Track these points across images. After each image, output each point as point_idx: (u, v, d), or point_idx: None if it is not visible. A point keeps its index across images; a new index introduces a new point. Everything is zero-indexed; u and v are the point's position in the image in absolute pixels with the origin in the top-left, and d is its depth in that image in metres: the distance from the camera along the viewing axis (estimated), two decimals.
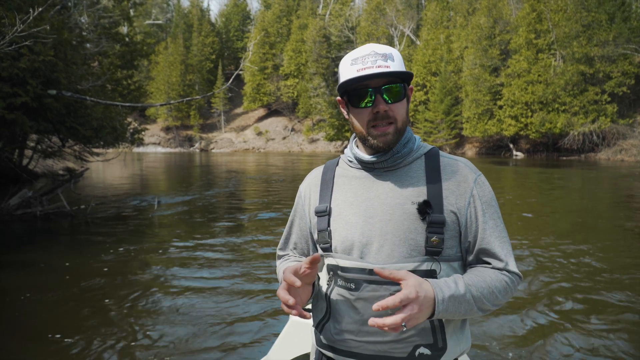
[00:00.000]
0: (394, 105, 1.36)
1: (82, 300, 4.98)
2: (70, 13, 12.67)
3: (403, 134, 1.41)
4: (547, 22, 37.17)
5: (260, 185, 18.08)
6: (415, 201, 1.35)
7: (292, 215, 1.64)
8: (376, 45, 1.36)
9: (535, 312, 4.60)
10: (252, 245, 7.58)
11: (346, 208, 1.43)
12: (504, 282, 1.34)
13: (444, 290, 1.22)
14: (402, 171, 1.42)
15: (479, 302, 1.28)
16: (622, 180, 18.36)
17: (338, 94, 1.44)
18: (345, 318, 1.39)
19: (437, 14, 49.86)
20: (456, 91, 43.58)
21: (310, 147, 58.09)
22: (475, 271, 1.36)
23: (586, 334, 4.11)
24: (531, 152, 39.19)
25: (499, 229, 1.39)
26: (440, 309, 1.20)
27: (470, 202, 1.37)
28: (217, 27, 75.38)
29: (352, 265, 1.37)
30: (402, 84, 1.36)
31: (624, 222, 9.56)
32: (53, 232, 8.78)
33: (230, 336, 4.11)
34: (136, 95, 17.05)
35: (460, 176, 1.40)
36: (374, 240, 1.36)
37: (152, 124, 63.27)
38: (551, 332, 4.15)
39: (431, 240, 1.32)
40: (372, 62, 1.32)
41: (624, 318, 4.45)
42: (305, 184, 1.60)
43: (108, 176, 21.07)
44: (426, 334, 1.33)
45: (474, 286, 1.28)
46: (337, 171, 1.53)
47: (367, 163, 1.44)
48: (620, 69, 33.05)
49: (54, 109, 9.42)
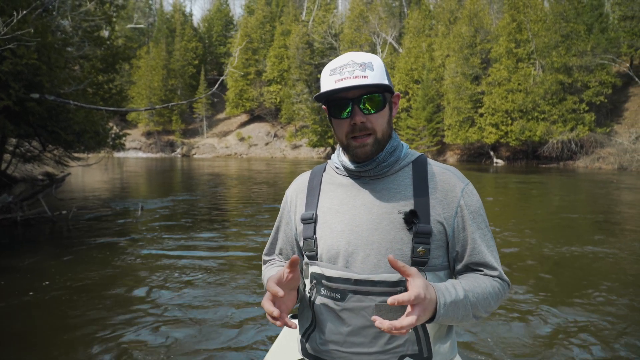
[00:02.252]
0: (373, 116, 1.33)
1: (66, 306, 4.89)
2: (52, 16, 12.50)
3: (384, 144, 1.38)
4: (527, 32, 37.85)
5: (243, 189, 17.99)
6: (401, 210, 1.34)
7: (278, 221, 1.63)
8: (355, 54, 1.33)
9: (524, 318, 4.65)
10: (239, 249, 7.54)
11: (332, 216, 1.41)
12: (496, 289, 1.35)
13: (445, 295, 1.22)
14: (389, 179, 1.40)
15: (474, 309, 1.29)
16: (600, 188, 18.71)
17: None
18: (331, 328, 1.37)
19: (420, 22, 50.42)
20: (438, 99, 44.04)
21: (293, 153, 58.04)
22: (471, 278, 1.35)
23: (574, 338, 4.17)
24: (511, 159, 39.73)
25: (487, 237, 1.40)
26: (441, 313, 1.20)
27: (458, 212, 1.36)
28: (199, 32, 75.09)
29: (337, 275, 1.35)
30: (381, 94, 1.33)
31: (603, 226, 9.74)
32: (34, 238, 8.61)
33: (224, 342, 4.07)
34: (118, 100, 16.81)
35: (447, 185, 1.38)
36: (359, 249, 1.34)
37: (133, 129, 62.67)
38: (542, 338, 4.20)
39: (417, 251, 1.31)
40: (349, 73, 1.28)
41: (613, 320, 4.53)
42: (291, 190, 1.58)
43: (88, 181, 20.76)
44: (411, 344, 1.32)
45: (471, 292, 1.28)
46: (324, 177, 1.51)
47: (353, 171, 1.42)
48: (598, 79, 33.76)
49: (36, 112, 9.27)
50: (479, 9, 43.01)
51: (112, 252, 7.35)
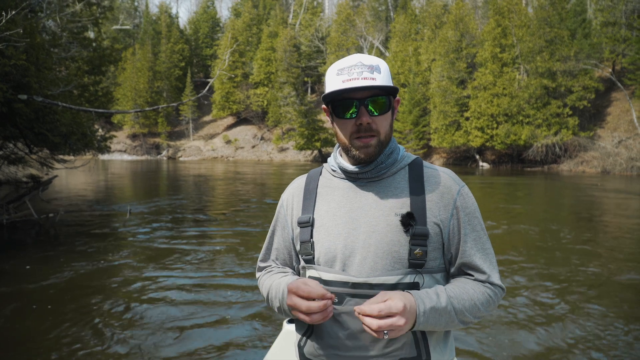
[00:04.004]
0: (378, 117, 1.35)
1: (54, 309, 4.84)
2: (39, 17, 12.36)
3: (386, 146, 1.40)
4: (511, 37, 38.25)
5: (229, 191, 17.93)
6: (398, 213, 1.34)
7: (273, 225, 1.60)
8: (363, 56, 1.34)
9: (524, 323, 4.71)
10: (230, 252, 7.51)
11: (329, 219, 1.41)
12: (486, 295, 1.35)
13: (425, 302, 1.24)
14: (386, 182, 1.41)
15: (460, 315, 1.29)
16: (583, 191, 18.97)
17: (323, 102, 1.42)
18: (329, 332, 1.36)
19: (406, 26, 50.68)
20: (424, 102, 44.29)
21: (279, 156, 57.92)
22: (458, 282, 1.36)
23: (574, 346, 4.23)
24: (497, 162, 40.08)
25: (481, 241, 1.40)
26: (421, 321, 1.22)
27: (454, 213, 1.37)
28: (186, 34, 74.65)
29: (334, 279, 1.35)
30: (387, 97, 1.35)
31: (587, 231, 9.89)
32: (21, 241, 8.51)
33: (220, 346, 4.06)
34: (104, 102, 16.64)
35: (443, 187, 1.39)
36: (356, 252, 1.34)
37: (119, 131, 61.97)
38: (538, 342, 4.25)
39: (414, 253, 1.31)
40: (357, 74, 1.30)
41: (609, 322, 4.60)
42: (287, 193, 1.57)
43: (74, 184, 20.52)
44: (409, 347, 1.32)
45: (455, 298, 1.29)
46: (320, 181, 1.51)
47: (351, 173, 1.42)
48: (581, 84, 34.24)
49: (23, 114, 9.15)
50: (465, 14, 43.34)
51: (101, 255, 7.28)
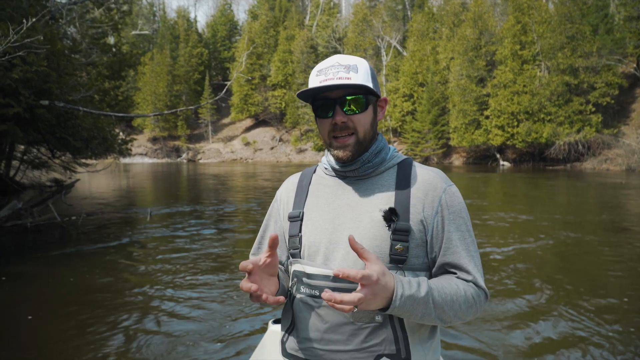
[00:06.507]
0: (355, 116, 1.36)
1: (78, 311, 4.88)
2: (60, 24, 12.57)
3: (367, 145, 1.40)
4: (532, 33, 37.78)
5: (250, 194, 18.00)
6: (382, 209, 1.34)
7: (266, 220, 1.64)
8: (341, 57, 1.36)
9: (520, 323, 4.61)
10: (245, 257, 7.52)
11: (317, 214, 1.44)
12: (469, 294, 1.31)
13: (405, 287, 1.20)
14: (374, 180, 1.42)
15: (439, 310, 1.25)
16: (608, 190, 18.61)
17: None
18: (310, 326, 1.37)
19: (423, 25, 50.44)
20: (443, 101, 44.02)
21: (298, 157, 58.12)
22: (443, 278, 1.34)
23: (572, 346, 4.13)
24: (518, 161, 39.62)
25: (467, 241, 1.37)
26: (396, 304, 1.18)
27: (438, 210, 1.36)
28: (204, 38, 75.37)
29: (316, 272, 1.36)
30: (364, 95, 1.35)
31: (608, 227, 9.68)
32: (44, 244, 8.63)
33: (219, 347, 4.06)
34: (124, 106, 16.89)
35: (429, 185, 1.38)
36: (340, 247, 1.36)
37: (139, 135, 62.83)
38: (537, 343, 4.16)
39: (395, 248, 1.31)
40: (333, 74, 1.32)
41: (613, 323, 4.48)
42: (282, 189, 1.61)
43: (96, 187, 20.82)
44: (389, 343, 1.30)
45: (437, 291, 1.25)
46: (313, 178, 1.54)
47: (339, 171, 1.45)
48: (604, 80, 33.66)
49: (45, 119, 9.30)
50: (483, 11, 42.94)
51: (123, 258, 7.35)
